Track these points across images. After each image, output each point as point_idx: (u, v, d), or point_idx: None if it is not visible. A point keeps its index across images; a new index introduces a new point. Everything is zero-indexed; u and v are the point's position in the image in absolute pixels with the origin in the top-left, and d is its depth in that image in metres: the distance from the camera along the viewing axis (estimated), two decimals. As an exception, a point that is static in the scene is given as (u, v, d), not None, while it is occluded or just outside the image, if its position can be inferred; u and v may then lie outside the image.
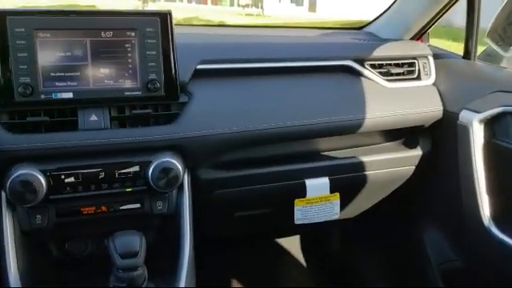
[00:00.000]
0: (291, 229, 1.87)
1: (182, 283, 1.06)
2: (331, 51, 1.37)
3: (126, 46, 1.05)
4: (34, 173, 0.97)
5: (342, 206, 1.40)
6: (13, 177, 0.95)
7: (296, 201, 1.34)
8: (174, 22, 1.08)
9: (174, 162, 1.06)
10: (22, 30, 0.98)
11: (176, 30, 1.09)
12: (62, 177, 1.01)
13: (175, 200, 1.14)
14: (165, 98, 1.10)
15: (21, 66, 0.99)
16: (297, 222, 1.36)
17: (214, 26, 1.84)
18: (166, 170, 1.05)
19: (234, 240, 1.85)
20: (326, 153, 1.39)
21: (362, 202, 1.58)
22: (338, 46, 1.44)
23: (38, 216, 1.04)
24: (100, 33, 1.03)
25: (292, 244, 2.07)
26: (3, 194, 1.01)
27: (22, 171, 0.96)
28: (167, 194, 1.12)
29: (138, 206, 1.11)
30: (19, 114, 1.02)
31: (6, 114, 1.02)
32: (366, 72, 1.36)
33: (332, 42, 1.49)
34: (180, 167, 1.07)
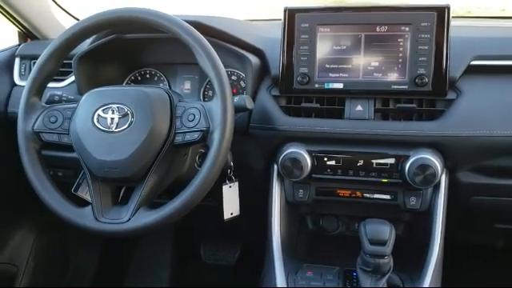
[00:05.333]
0: None
1: (427, 282, 1.04)
2: None
3: (399, 40, 1.07)
4: (302, 152, 1.10)
5: None
6: (285, 153, 1.10)
7: None
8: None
9: (433, 159, 1.03)
10: (307, 25, 1.11)
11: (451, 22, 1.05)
12: (325, 159, 1.12)
13: (430, 198, 1.12)
14: (431, 93, 1.08)
15: (302, 58, 1.12)
16: None
17: (492, 18, 1.67)
18: (423, 167, 1.03)
19: (488, 251, 1.67)
20: None
21: None
22: None
23: (300, 190, 1.18)
24: (375, 27, 1.08)
25: None
26: (275, 167, 1.18)
27: (292, 149, 1.10)
28: (422, 190, 1.11)
29: (390, 197, 1.14)
30: (295, 100, 1.16)
31: (285, 98, 1.17)
32: None
33: None
34: (439, 166, 1.04)
